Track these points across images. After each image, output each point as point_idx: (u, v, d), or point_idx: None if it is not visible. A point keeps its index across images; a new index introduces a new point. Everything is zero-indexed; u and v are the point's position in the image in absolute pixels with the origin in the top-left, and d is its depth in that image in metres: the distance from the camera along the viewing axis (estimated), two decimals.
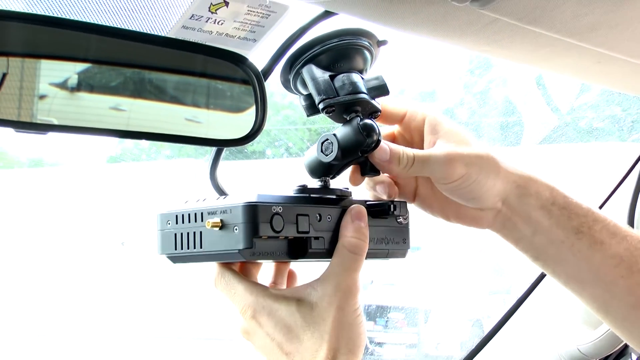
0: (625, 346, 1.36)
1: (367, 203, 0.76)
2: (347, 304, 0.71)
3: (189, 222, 0.72)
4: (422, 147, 0.79)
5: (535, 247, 0.80)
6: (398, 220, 0.79)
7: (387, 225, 0.78)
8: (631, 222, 1.32)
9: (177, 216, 0.73)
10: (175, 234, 0.72)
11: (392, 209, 0.76)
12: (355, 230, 0.73)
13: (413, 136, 0.81)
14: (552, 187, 0.79)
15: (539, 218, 0.78)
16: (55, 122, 0.73)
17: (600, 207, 1.41)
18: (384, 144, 0.76)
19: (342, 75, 0.76)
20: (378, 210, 0.76)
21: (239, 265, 0.76)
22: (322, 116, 0.77)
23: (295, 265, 0.80)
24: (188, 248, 0.72)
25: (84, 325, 4.54)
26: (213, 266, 0.75)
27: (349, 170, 0.79)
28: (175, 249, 0.73)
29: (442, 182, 0.76)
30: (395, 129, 0.83)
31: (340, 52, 0.76)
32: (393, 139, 0.82)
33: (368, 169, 0.77)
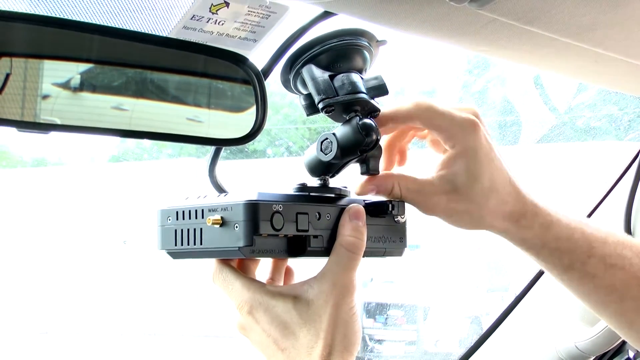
0: (623, 343, 1.37)
1: (366, 202, 0.77)
2: (344, 302, 0.72)
3: (190, 218, 0.72)
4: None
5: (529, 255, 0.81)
6: (396, 219, 0.79)
7: (385, 224, 0.79)
8: (628, 220, 1.32)
9: (177, 212, 0.73)
10: (176, 230, 0.73)
11: (390, 208, 0.77)
12: (353, 229, 0.73)
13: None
14: (546, 227, 0.78)
15: (528, 254, 0.80)
16: (58, 121, 0.73)
17: (597, 206, 1.41)
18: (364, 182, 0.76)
19: (342, 75, 0.77)
20: (376, 209, 0.77)
21: (237, 262, 0.77)
22: (322, 115, 0.78)
23: (294, 262, 0.81)
24: (188, 244, 0.72)
25: (86, 323, 4.55)
26: (211, 262, 0.76)
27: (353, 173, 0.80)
28: (175, 245, 0.73)
29: (428, 213, 0.78)
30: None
31: (339, 52, 0.77)
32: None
33: (367, 169, 0.78)
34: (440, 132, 0.76)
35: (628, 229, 1.32)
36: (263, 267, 0.79)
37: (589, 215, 1.42)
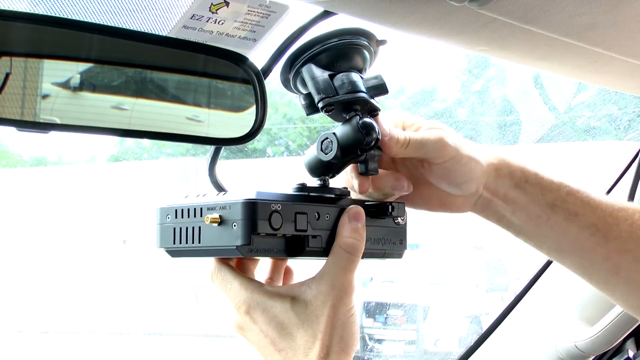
0: (622, 343, 1.37)
1: (366, 203, 0.77)
2: (341, 303, 0.72)
3: (189, 217, 0.72)
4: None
5: (515, 225, 0.83)
6: (396, 221, 0.79)
7: (385, 226, 0.78)
8: None
9: (176, 210, 0.73)
10: (174, 228, 0.73)
11: (390, 210, 0.77)
12: (352, 230, 0.73)
13: None
14: (523, 166, 0.83)
15: (515, 197, 0.82)
16: (58, 121, 0.73)
17: None
18: (382, 123, 0.77)
19: (342, 74, 0.77)
20: (376, 211, 0.77)
21: (236, 261, 0.77)
22: (322, 115, 0.78)
23: (294, 263, 0.81)
24: (187, 242, 0.72)
25: (86, 322, 4.55)
26: (210, 261, 0.76)
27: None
28: (174, 243, 0.73)
29: (436, 161, 0.79)
30: None
31: (339, 52, 0.77)
32: None
33: (367, 169, 0.78)
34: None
35: None
36: (262, 268, 0.79)
37: None
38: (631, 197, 1.32)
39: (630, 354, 1.38)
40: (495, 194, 0.82)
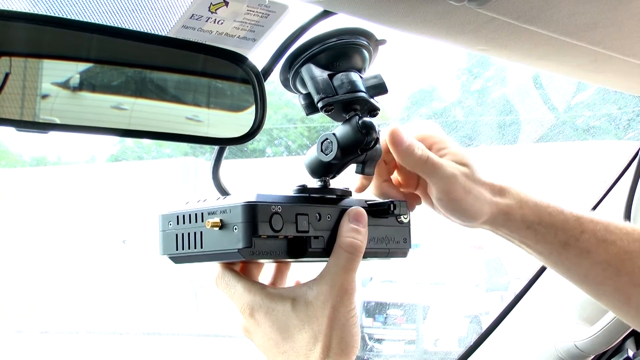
0: (622, 342, 1.37)
1: (368, 202, 0.77)
2: (342, 304, 0.71)
3: (190, 222, 0.72)
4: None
5: (524, 251, 0.84)
6: (399, 220, 0.79)
7: (388, 225, 0.78)
8: (627, 220, 1.33)
9: (178, 217, 0.73)
10: (176, 235, 0.73)
11: (392, 209, 0.77)
12: (353, 230, 0.73)
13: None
14: (539, 205, 0.82)
15: (525, 235, 0.82)
16: (58, 121, 0.73)
17: (597, 205, 1.41)
18: (402, 129, 0.78)
19: (341, 74, 0.76)
20: (379, 210, 0.77)
21: (241, 266, 0.76)
22: (322, 114, 0.78)
23: (297, 266, 0.81)
24: (189, 248, 0.72)
25: (86, 322, 4.55)
26: (215, 266, 0.76)
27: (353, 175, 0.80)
28: (177, 250, 0.73)
29: (440, 194, 0.79)
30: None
31: (339, 51, 0.77)
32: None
33: (362, 169, 0.78)
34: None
35: None
36: (266, 272, 0.79)
37: None
38: (631, 196, 1.32)
39: (630, 353, 1.38)
40: (502, 230, 0.82)
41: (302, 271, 0.80)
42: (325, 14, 0.80)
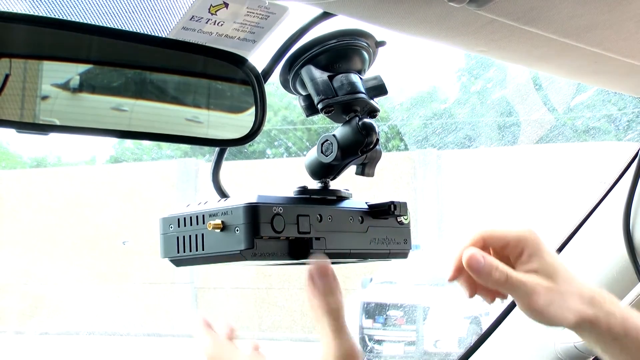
0: None
1: (368, 204, 0.77)
2: None
3: (191, 224, 0.72)
4: (510, 263, 0.80)
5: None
6: (399, 221, 0.79)
7: (388, 226, 0.78)
8: (627, 220, 1.33)
9: (179, 219, 0.73)
10: (178, 237, 0.73)
11: (392, 209, 0.77)
12: (317, 292, 0.69)
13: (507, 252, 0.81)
14: (626, 318, 0.80)
15: (610, 344, 0.81)
16: (58, 122, 0.73)
17: (597, 205, 1.41)
18: (478, 252, 0.77)
19: (341, 75, 0.77)
20: (379, 211, 0.77)
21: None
22: (322, 116, 0.78)
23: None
24: (190, 250, 0.72)
25: (86, 323, 4.55)
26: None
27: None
28: (178, 252, 0.73)
29: (522, 307, 0.79)
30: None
31: (338, 53, 0.77)
32: (483, 245, 0.81)
33: (362, 171, 0.78)
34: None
35: (627, 229, 1.32)
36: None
37: (589, 215, 1.42)
38: (631, 197, 1.32)
39: None
40: (588, 337, 0.81)
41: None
42: (325, 15, 0.80)
